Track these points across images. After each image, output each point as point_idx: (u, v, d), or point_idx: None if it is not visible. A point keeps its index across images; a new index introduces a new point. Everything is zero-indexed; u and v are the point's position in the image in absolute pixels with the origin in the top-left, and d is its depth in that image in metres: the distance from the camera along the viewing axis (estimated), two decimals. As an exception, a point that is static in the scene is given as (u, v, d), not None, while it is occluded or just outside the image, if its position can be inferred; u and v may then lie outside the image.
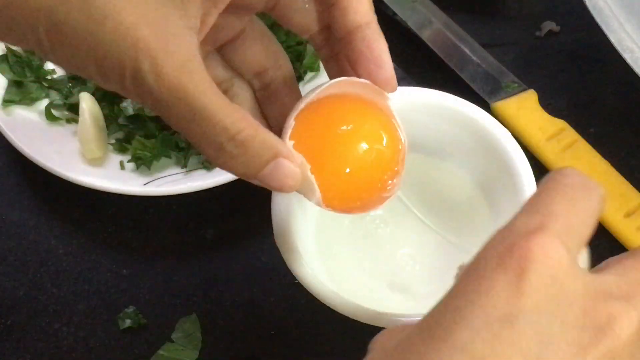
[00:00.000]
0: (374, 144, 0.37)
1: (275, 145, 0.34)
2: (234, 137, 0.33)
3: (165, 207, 0.59)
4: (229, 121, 0.33)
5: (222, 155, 0.34)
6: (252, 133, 0.33)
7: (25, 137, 0.58)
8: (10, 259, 0.57)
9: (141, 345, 0.53)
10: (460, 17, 0.65)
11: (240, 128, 0.33)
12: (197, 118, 0.33)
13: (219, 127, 0.33)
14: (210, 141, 0.33)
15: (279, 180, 0.35)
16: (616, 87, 0.63)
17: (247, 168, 0.34)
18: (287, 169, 0.34)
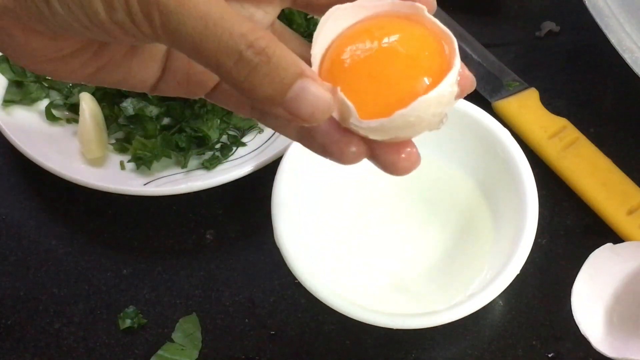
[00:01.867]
0: (409, 49, 0.33)
1: (298, 61, 0.31)
2: (254, 44, 0.30)
3: (165, 207, 0.59)
4: (246, 28, 0.30)
5: (242, 67, 0.30)
6: (273, 44, 0.30)
7: (25, 137, 0.58)
8: (10, 259, 0.57)
9: (141, 345, 0.53)
10: (460, 17, 0.65)
11: (259, 35, 0.30)
12: (211, 26, 0.30)
13: (235, 34, 0.30)
14: (228, 50, 0.30)
15: (309, 104, 0.31)
16: (616, 87, 0.63)
17: (271, 83, 0.31)
18: (316, 89, 0.31)
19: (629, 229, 0.54)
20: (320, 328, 0.53)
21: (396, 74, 0.33)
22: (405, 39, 0.34)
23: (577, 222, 0.56)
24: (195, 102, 0.58)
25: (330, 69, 0.34)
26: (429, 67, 0.34)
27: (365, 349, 0.52)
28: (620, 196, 0.55)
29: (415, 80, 0.33)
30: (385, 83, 0.33)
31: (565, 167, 0.57)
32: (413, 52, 0.34)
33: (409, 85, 0.33)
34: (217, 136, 0.59)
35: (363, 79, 0.33)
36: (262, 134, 0.60)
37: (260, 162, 0.55)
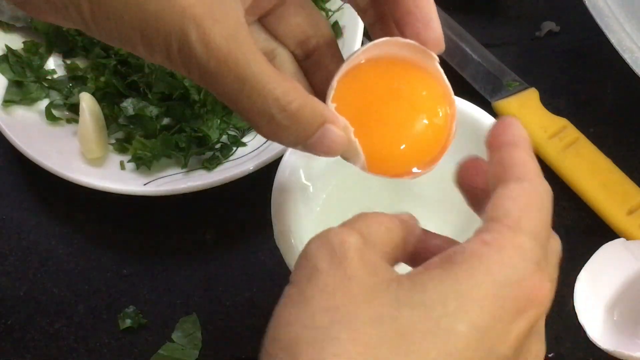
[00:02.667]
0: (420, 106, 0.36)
1: (322, 112, 0.34)
2: (285, 108, 0.32)
3: (165, 207, 0.59)
4: (279, 91, 0.32)
5: (272, 127, 0.33)
6: (302, 102, 0.33)
7: (26, 137, 0.58)
8: (10, 259, 0.57)
9: (141, 345, 0.53)
10: (460, 17, 0.65)
11: (291, 99, 0.32)
12: (246, 88, 0.32)
13: (270, 98, 0.32)
14: (260, 112, 0.32)
15: (326, 147, 0.34)
16: (616, 87, 0.63)
17: (297, 137, 0.34)
18: (334, 135, 0.34)
19: (629, 229, 0.54)
20: (320, 328, 0.53)
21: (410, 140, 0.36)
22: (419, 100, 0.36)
23: (577, 222, 0.56)
24: (195, 102, 0.58)
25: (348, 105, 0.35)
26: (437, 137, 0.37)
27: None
28: (620, 196, 0.55)
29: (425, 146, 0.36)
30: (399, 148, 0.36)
31: (565, 167, 0.57)
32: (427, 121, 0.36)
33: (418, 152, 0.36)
34: (217, 136, 0.59)
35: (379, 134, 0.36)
36: (262, 134, 0.60)
37: (260, 162, 0.55)
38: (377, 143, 0.35)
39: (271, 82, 0.32)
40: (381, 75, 0.36)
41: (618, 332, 0.49)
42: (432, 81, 0.36)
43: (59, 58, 0.64)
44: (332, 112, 0.34)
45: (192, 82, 0.58)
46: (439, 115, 0.36)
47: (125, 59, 0.60)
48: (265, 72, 0.32)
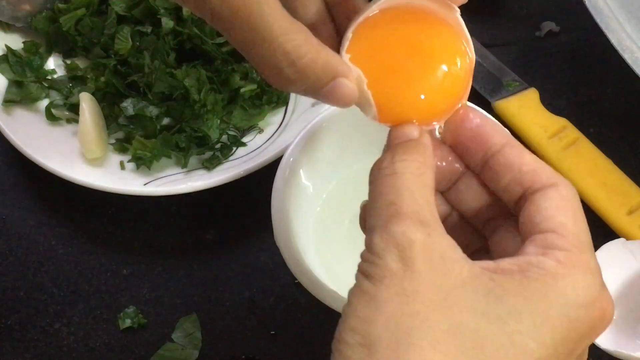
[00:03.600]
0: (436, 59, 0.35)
1: (334, 66, 0.33)
2: (294, 63, 0.32)
3: (165, 207, 0.59)
4: (290, 45, 0.31)
5: (280, 79, 0.33)
6: (314, 57, 0.32)
7: (25, 137, 0.58)
8: (10, 259, 0.57)
9: (141, 345, 0.53)
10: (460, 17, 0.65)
11: (302, 53, 0.32)
12: (257, 39, 0.31)
13: (280, 52, 0.31)
14: (269, 65, 0.32)
15: (336, 99, 0.34)
16: (616, 87, 0.63)
17: (306, 90, 0.33)
18: (345, 88, 0.33)
19: (629, 229, 0.54)
20: (320, 328, 0.53)
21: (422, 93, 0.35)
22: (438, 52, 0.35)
23: (577, 222, 0.56)
24: (195, 102, 0.58)
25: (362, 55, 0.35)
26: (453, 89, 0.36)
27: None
28: (620, 196, 0.55)
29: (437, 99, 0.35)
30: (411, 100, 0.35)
31: (565, 167, 0.57)
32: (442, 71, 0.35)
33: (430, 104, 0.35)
34: (217, 136, 0.59)
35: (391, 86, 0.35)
36: (262, 134, 0.60)
37: (260, 162, 0.55)
38: (391, 94, 0.35)
39: (283, 34, 0.31)
40: (398, 26, 0.36)
41: (618, 332, 0.49)
42: (449, 32, 0.36)
43: (59, 58, 0.64)
44: (344, 64, 0.34)
45: (191, 82, 0.58)
46: (455, 66, 0.35)
47: (125, 59, 0.60)
48: (279, 23, 0.31)
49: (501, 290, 0.29)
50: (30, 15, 0.64)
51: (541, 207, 0.32)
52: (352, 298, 0.30)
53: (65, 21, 0.62)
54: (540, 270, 0.30)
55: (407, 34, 0.35)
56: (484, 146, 0.34)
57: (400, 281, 0.29)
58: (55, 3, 0.63)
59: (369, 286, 0.30)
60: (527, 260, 0.31)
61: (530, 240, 0.32)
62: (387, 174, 0.32)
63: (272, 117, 0.61)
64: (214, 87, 0.59)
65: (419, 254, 0.30)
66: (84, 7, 0.62)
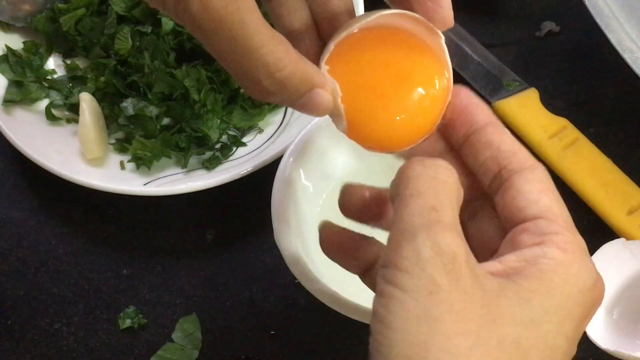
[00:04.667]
0: (412, 84, 0.35)
1: (311, 78, 0.33)
2: (274, 76, 0.32)
3: (165, 207, 0.59)
4: (270, 58, 0.31)
5: (258, 90, 0.33)
6: (293, 70, 0.32)
7: (25, 137, 0.58)
8: (10, 259, 0.57)
9: (141, 345, 0.53)
10: (460, 17, 0.65)
11: (281, 66, 0.32)
12: (238, 51, 0.31)
13: (260, 64, 0.31)
14: (248, 76, 0.32)
15: (311, 109, 0.34)
16: (616, 87, 0.63)
17: (282, 101, 0.33)
18: (320, 99, 0.33)
19: (629, 229, 0.54)
20: (320, 328, 0.53)
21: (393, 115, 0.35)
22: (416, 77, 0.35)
23: (577, 222, 0.55)
24: (195, 102, 0.58)
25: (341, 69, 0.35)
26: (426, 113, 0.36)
27: (365, 349, 0.52)
28: (620, 196, 0.55)
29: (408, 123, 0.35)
30: (381, 121, 0.35)
31: (565, 167, 0.57)
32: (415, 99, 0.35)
33: (400, 129, 0.35)
34: (217, 136, 0.59)
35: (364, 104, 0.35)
36: (262, 134, 0.60)
37: (260, 162, 0.55)
38: (361, 111, 0.35)
39: (264, 46, 0.31)
40: (380, 45, 0.36)
41: (618, 332, 0.49)
42: (430, 57, 0.36)
43: (59, 58, 0.64)
44: (322, 75, 0.34)
45: (191, 82, 0.58)
46: (431, 91, 0.35)
47: (125, 59, 0.60)
48: (260, 35, 0.31)
49: (528, 293, 0.30)
50: (30, 15, 0.64)
51: (523, 190, 0.32)
52: (392, 319, 0.29)
53: (65, 21, 0.62)
54: (549, 260, 0.30)
55: (387, 54, 0.35)
56: (468, 122, 0.34)
57: (448, 296, 0.28)
58: (55, 3, 0.63)
59: (412, 304, 0.28)
60: (531, 253, 0.31)
61: (520, 229, 0.32)
62: (431, 175, 0.31)
63: (272, 117, 0.61)
64: (214, 87, 0.59)
65: (462, 267, 0.29)
66: (84, 7, 0.62)
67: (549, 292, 0.30)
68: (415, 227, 0.29)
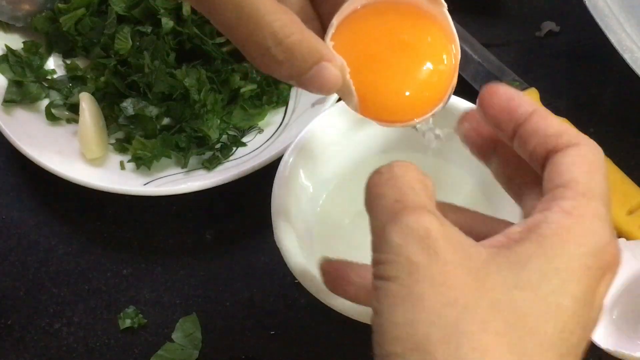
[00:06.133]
0: (420, 55, 0.35)
1: (320, 49, 0.33)
2: (282, 42, 0.32)
3: (165, 207, 0.59)
4: (277, 25, 0.31)
5: (266, 60, 0.32)
6: (300, 37, 0.32)
7: (25, 137, 0.58)
8: (10, 259, 0.57)
9: (141, 345, 0.53)
10: (460, 17, 0.65)
11: (288, 32, 0.32)
12: (244, 18, 0.31)
13: (266, 30, 0.31)
14: (256, 44, 0.32)
15: (320, 84, 0.33)
16: (616, 87, 0.63)
17: (290, 72, 0.33)
18: (329, 73, 0.33)
19: (629, 229, 0.54)
20: (320, 328, 0.53)
21: (403, 84, 0.35)
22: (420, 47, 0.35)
23: (577, 222, 0.56)
24: (195, 102, 0.58)
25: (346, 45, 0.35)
26: (436, 83, 0.35)
27: (365, 349, 0.52)
28: (620, 196, 0.55)
29: (419, 95, 0.35)
30: (392, 95, 0.35)
31: (565, 167, 0.57)
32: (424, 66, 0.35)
33: (411, 101, 0.35)
34: (217, 136, 0.59)
35: (374, 78, 0.35)
36: (262, 134, 0.60)
37: (260, 162, 0.55)
38: (372, 86, 0.35)
39: (270, 13, 0.31)
40: (384, 18, 0.35)
41: (618, 332, 0.49)
42: (435, 27, 0.35)
43: (59, 58, 0.64)
44: (329, 49, 0.34)
45: (191, 82, 0.58)
46: (439, 63, 0.35)
47: (125, 59, 0.60)
48: (265, 3, 0.31)
49: (523, 257, 0.29)
50: (30, 15, 0.64)
51: (559, 163, 0.32)
52: (382, 307, 0.29)
53: (65, 21, 0.62)
54: (549, 224, 0.30)
55: (392, 27, 0.35)
56: (514, 118, 0.34)
57: (428, 272, 0.28)
58: (55, 3, 0.63)
59: (397, 288, 0.28)
60: (533, 220, 0.30)
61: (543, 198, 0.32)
62: (387, 178, 0.31)
63: (272, 117, 0.61)
64: (214, 87, 0.59)
65: (438, 240, 0.29)
66: (84, 7, 0.62)
67: (546, 255, 0.29)
68: (384, 223, 0.30)
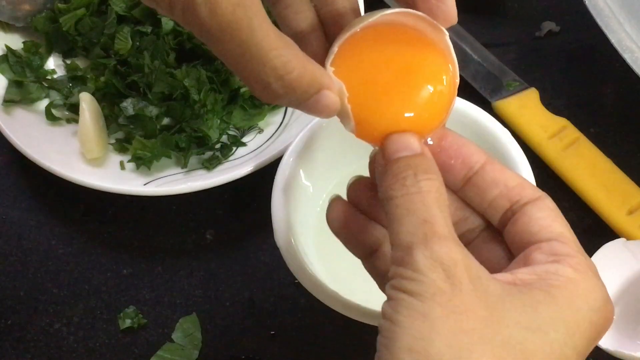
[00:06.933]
0: (418, 81, 0.35)
1: (320, 80, 0.33)
2: (283, 78, 0.32)
3: (165, 207, 0.59)
4: (279, 61, 0.32)
5: (267, 93, 0.33)
6: (301, 72, 0.32)
7: (25, 137, 0.58)
8: (10, 259, 0.57)
9: (141, 345, 0.53)
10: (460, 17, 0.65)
11: (290, 69, 0.32)
12: (246, 55, 0.32)
13: (268, 67, 0.32)
14: (257, 79, 0.32)
15: (319, 110, 0.34)
16: (616, 87, 0.63)
17: (290, 103, 0.34)
18: (328, 100, 0.34)
19: (629, 229, 0.54)
20: (320, 328, 0.53)
21: (400, 109, 0.35)
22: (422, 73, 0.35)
23: (578, 222, 0.56)
24: (195, 102, 0.58)
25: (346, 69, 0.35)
26: (433, 107, 0.36)
27: (365, 349, 0.52)
28: (620, 196, 0.55)
29: (415, 122, 0.35)
30: (389, 120, 0.35)
31: (565, 167, 0.57)
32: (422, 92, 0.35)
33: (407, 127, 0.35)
34: (217, 136, 0.59)
35: (370, 103, 0.35)
36: (262, 134, 0.60)
37: (260, 162, 0.55)
38: (369, 111, 0.35)
39: (272, 50, 0.32)
40: (384, 43, 0.36)
41: (618, 332, 0.49)
42: (435, 54, 0.36)
43: (59, 58, 0.64)
44: (329, 76, 0.34)
45: (191, 82, 0.58)
46: (438, 89, 0.35)
47: (125, 59, 0.60)
48: (268, 39, 0.32)
49: (534, 302, 0.31)
50: (30, 15, 0.64)
51: (535, 217, 0.34)
52: (400, 317, 0.30)
53: (65, 21, 0.62)
54: (560, 277, 0.32)
55: (391, 51, 0.35)
56: (466, 164, 0.35)
57: (450, 299, 0.30)
58: (55, 3, 0.63)
59: (418, 304, 0.30)
60: (544, 269, 0.32)
61: (533, 248, 0.33)
62: (414, 192, 0.32)
63: (272, 117, 0.61)
64: (214, 87, 0.59)
65: (463, 273, 0.30)
66: (84, 7, 0.62)
67: (556, 304, 0.31)
68: (413, 243, 0.31)
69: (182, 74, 0.58)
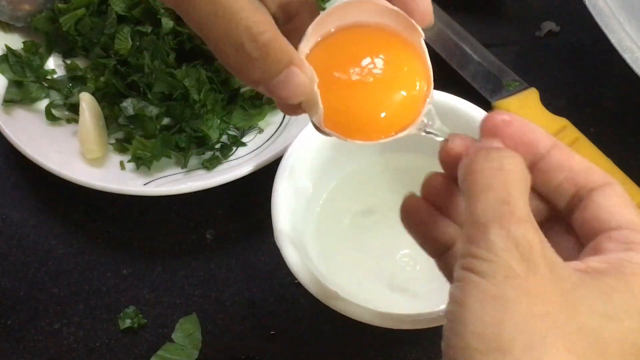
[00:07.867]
0: (391, 75, 0.35)
1: (290, 53, 0.33)
2: (256, 38, 0.32)
3: (165, 207, 0.59)
4: (252, 20, 0.31)
5: (240, 58, 0.32)
6: (273, 36, 0.32)
7: (25, 137, 0.58)
8: (10, 259, 0.57)
9: (141, 345, 0.53)
10: (460, 17, 0.65)
11: (262, 29, 0.32)
12: (219, 13, 0.31)
13: (241, 25, 0.31)
14: (230, 40, 0.32)
15: (289, 90, 0.33)
16: (616, 87, 0.63)
17: (263, 73, 0.33)
18: (298, 79, 0.33)
19: (629, 229, 0.54)
20: (320, 328, 0.53)
21: (371, 102, 0.35)
22: (392, 68, 0.35)
23: (577, 222, 0.56)
24: (195, 102, 0.58)
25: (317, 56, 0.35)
26: (407, 105, 0.35)
27: (365, 349, 0.52)
28: (621, 196, 0.55)
29: (386, 116, 0.35)
30: (358, 111, 0.35)
31: (565, 167, 0.57)
32: (394, 87, 0.35)
33: (376, 121, 0.35)
34: (217, 136, 0.59)
35: (341, 92, 0.35)
36: (262, 134, 0.60)
37: (260, 162, 0.55)
38: (339, 100, 0.35)
39: (245, 10, 0.31)
40: (359, 37, 0.35)
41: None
42: (410, 52, 0.35)
43: (59, 58, 0.64)
44: (299, 56, 0.34)
45: (191, 82, 0.58)
46: (411, 87, 0.35)
47: (125, 59, 0.60)
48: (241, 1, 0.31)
49: (609, 290, 0.30)
50: (30, 15, 0.64)
51: (604, 205, 0.33)
52: (469, 300, 0.29)
53: (65, 21, 0.62)
54: (634, 265, 0.31)
55: (366, 46, 0.35)
56: (532, 151, 0.34)
57: (524, 282, 0.29)
58: (55, 3, 0.63)
59: (490, 286, 0.29)
60: (616, 257, 0.31)
61: (604, 237, 0.32)
62: (496, 167, 0.31)
63: (272, 117, 0.61)
64: (214, 87, 0.59)
65: (539, 256, 0.29)
66: (84, 7, 0.62)
67: (631, 292, 0.30)
68: (489, 221, 0.30)
69: (182, 74, 0.58)
